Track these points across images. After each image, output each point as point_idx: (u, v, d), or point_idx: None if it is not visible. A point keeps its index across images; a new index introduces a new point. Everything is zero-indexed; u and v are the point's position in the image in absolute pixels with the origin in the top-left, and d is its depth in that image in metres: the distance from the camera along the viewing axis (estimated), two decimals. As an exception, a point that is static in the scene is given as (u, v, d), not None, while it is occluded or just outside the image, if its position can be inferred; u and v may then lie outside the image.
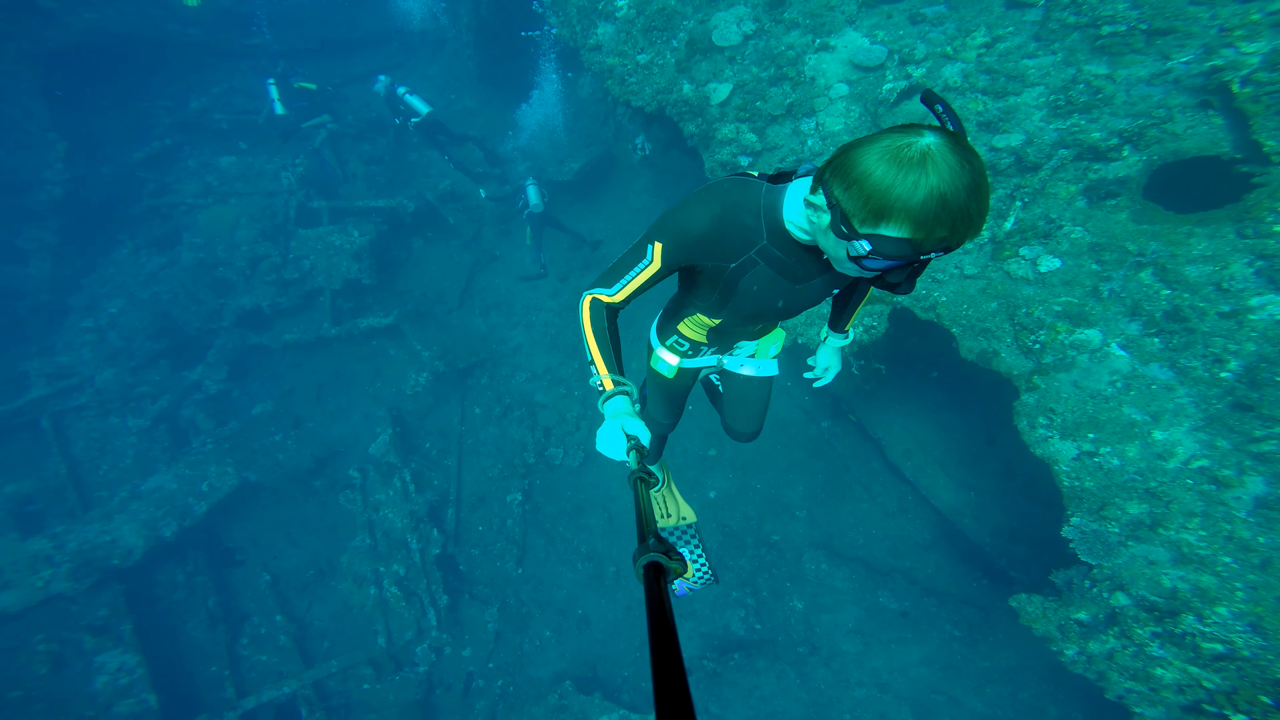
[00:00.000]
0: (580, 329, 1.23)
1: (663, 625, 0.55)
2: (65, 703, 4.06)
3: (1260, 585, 2.18)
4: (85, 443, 5.55)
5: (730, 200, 1.12)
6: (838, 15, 3.52)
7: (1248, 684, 2.11)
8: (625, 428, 1.12)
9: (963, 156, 0.81)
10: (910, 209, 0.82)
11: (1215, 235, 2.51)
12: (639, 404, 1.17)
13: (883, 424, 4.06)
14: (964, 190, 0.80)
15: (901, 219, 0.83)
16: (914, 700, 3.67)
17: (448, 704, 4.46)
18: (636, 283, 1.19)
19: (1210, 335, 2.42)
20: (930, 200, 0.80)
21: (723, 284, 1.24)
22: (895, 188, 0.82)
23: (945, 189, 0.80)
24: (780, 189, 1.12)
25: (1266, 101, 2.50)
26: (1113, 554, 2.36)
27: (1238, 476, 2.28)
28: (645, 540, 0.75)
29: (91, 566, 4.57)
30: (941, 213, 0.81)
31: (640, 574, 0.68)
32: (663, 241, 1.15)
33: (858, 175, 0.85)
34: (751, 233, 1.13)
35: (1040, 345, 2.62)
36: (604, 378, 1.19)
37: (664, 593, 0.63)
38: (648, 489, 0.95)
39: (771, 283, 1.20)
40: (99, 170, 6.15)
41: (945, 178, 0.80)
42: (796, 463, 4.56)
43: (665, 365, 1.64)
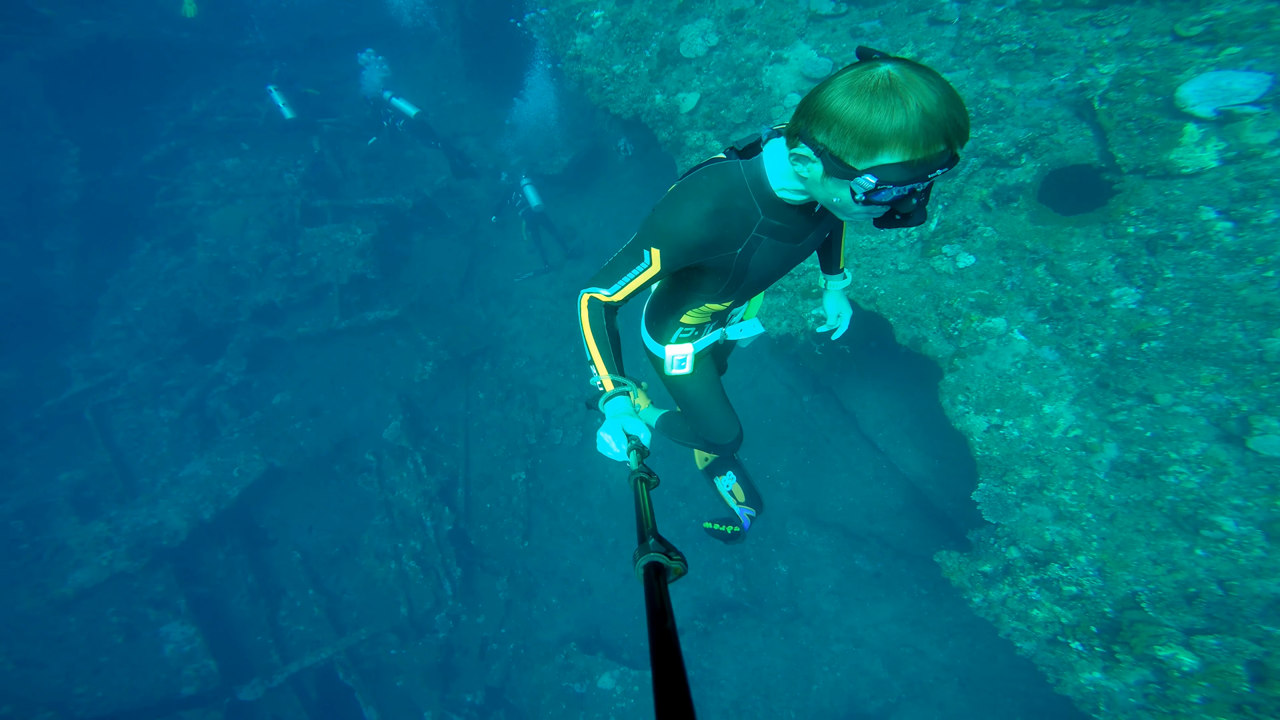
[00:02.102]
0: (579, 328, 1.24)
1: (663, 626, 0.54)
2: (143, 667, 4.70)
3: (1108, 536, 2.51)
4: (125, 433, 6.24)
5: (719, 191, 1.12)
6: (790, 29, 3.79)
7: (1086, 618, 2.48)
8: (626, 428, 1.13)
9: (924, 72, 0.82)
10: (898, 129, 0.82)
11: (1089, 235, 2.80)
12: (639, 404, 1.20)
13: (857, 398, 4.45)
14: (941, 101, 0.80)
15: (894, 142, 0.83)
16: (885, 653, 4.13)
17: (466, 665, 5.06)
18: (635, 284, 1.21)
19: (1084, 322, 2.73)
20: (914, 115, 0.80)
21: (733, 271, 1.25)
22: (874, 113, 0.82)
23: (923, 102, 0.80)
24: (756, 160, 1.13)
25: (1117, 117, 2.76)
26: (1009, 514, 2.70)
27: (1100, 443, 2.60)
28: (645, 540, 0.75)
29: (145, 547, 5.15)
30: (930, 125, 0.81)
31: (640, 574, 0.68)
32: (661, 248, 1.15)
33: (833, 114, 0.85)
34: (748, 214, 1.15)
35: (958, 332, 2.94)
36: (604, 378, 1.20)
37: (664, 593, 0.62)
38: (648, 489, 0.96)
39: (775, 251, 1.22)
40: (111, 174, 6.58)
41: (920, 91, 0.80)
42: (781, 436, 4.98)
43: (681, 362, 1.63)
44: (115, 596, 5.00)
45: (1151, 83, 2.80)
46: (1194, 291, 2.56)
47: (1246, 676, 2.19)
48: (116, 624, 4.95)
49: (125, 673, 4.71)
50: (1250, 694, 2.16)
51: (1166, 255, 2.65)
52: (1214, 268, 2.53)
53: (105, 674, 4.69)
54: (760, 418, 5.11)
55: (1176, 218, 2.65)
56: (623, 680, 4.52)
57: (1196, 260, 2.57)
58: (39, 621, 4.85)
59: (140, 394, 6.21)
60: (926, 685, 3.93)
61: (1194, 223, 2.61)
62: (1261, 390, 2.36)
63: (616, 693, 4.49)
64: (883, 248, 3.43)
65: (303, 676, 4.93)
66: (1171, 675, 2.29)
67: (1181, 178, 2.68)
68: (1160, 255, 2.67)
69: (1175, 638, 2.32)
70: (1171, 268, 2.63)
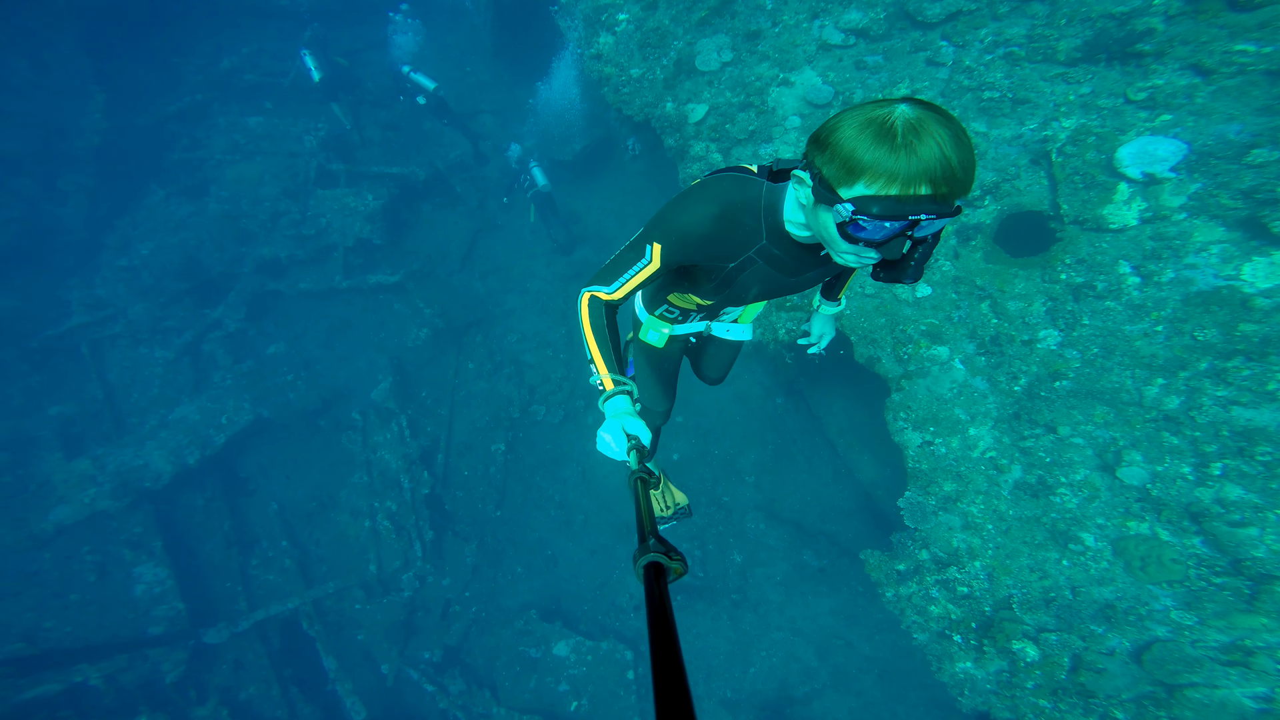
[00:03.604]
0: (579, 327, 1.29)
1: (663, 626, 0.56)
2: (112, 606, 5.06)
3: (1001, 546, 3.01)
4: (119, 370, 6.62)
5: (730, 200, 1.16)
6: (800, 54, 4.27)
7: (969, 615, 2.98)
8: (626, 427, 1.17)
9: (940, 116, 0.83)
10: (878, 159, 0.84)
11: (1029, 278, 3.25)
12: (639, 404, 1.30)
13: (825, 405, 4.96)
14: (940, 145, 0.81)
15: (874, 172, 0.85)
16: (819, 643, 4.64)
17: (428, 624, 5.52)
18: (635, 282, 1.26)
19: (1013, 358, 3.20)
20: (899, 150, 0.82)
21: (720, 279, 1.31)
22: (862, 140, 0.85)
23: (917, 141, 0.82)
24: (780, 188, 1.16)
25: (1069, 170, 3.23)
26: (926, 520, 3.19)
27: (1009, 465, 3.10)
28: (645, 540, 0.77)
29: (128, 488, 5.51)
30: (916, 164, 0.82)
31: (640, 574, 0.70)
32: (662, 243, 1.20)
33: (834, 139, 0.89)
34: (751, 233, 1.19)
35: (908, 356, 3.40)
36: (604, 377, 1.24)
37: (665, 593, 0.64)
38: (648, 489, 1.00)
39: (767, 277, 1.27)
40: (134, 121, 7.01)
41: (920, 131, 0.82)
42: (751, 433, 5.49)
43: (656, 335, 1.74)
44: (92, 535, 5.38)
45: (1100, 140, 3.28)
46: (1102, 339, 3.07)
47: (1067, 666, 2.72)
48: (90, 562, 5.34)
49: (94, 610, 5.09)
50: (1065, 680, 2.69)
51: (1087, 303, 3.16)
52: (1120, 319, 3.04)
53: (74, 611, 5.06)
54: (735, 414, 5.61)
55: (1100, 269, 3.16)
56: (577, 649, 5.00)
57: (1108, 310, 3.08)
58: (15, 555, 5.21)
59: (138, 332, 6.59)
60: (850, 674, 4.45)
61: (1112, 275, 3.12)
62: (1135, 429, 2.87)
63: (570, 660, 4.97)
64: (854, 268, 3.93)
65: (267, 624, 5.33)
66: (1019, 665, 2.81)
67: (1109, 232, 3.18)
68: (1082, 303, 3.18)
69: (1028, 634, 2.84)
70: (1088, 315, 3.13)
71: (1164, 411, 2.82)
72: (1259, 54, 2.93)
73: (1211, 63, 3.03)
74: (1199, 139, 3.00)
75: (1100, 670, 2.65)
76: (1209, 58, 3.04)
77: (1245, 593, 2.54)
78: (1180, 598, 2.65)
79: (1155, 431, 2.82)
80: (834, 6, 4.38)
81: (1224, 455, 2.64)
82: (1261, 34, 2.95)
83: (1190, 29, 3.12)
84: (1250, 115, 2.93)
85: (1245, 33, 2.99)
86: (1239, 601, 2.54)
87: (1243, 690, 2.44)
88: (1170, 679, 2.55)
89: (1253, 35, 2.97)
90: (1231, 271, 2.77)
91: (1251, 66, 2.95)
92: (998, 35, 3.79)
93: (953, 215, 0.87)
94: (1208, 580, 2.60)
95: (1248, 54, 2.95)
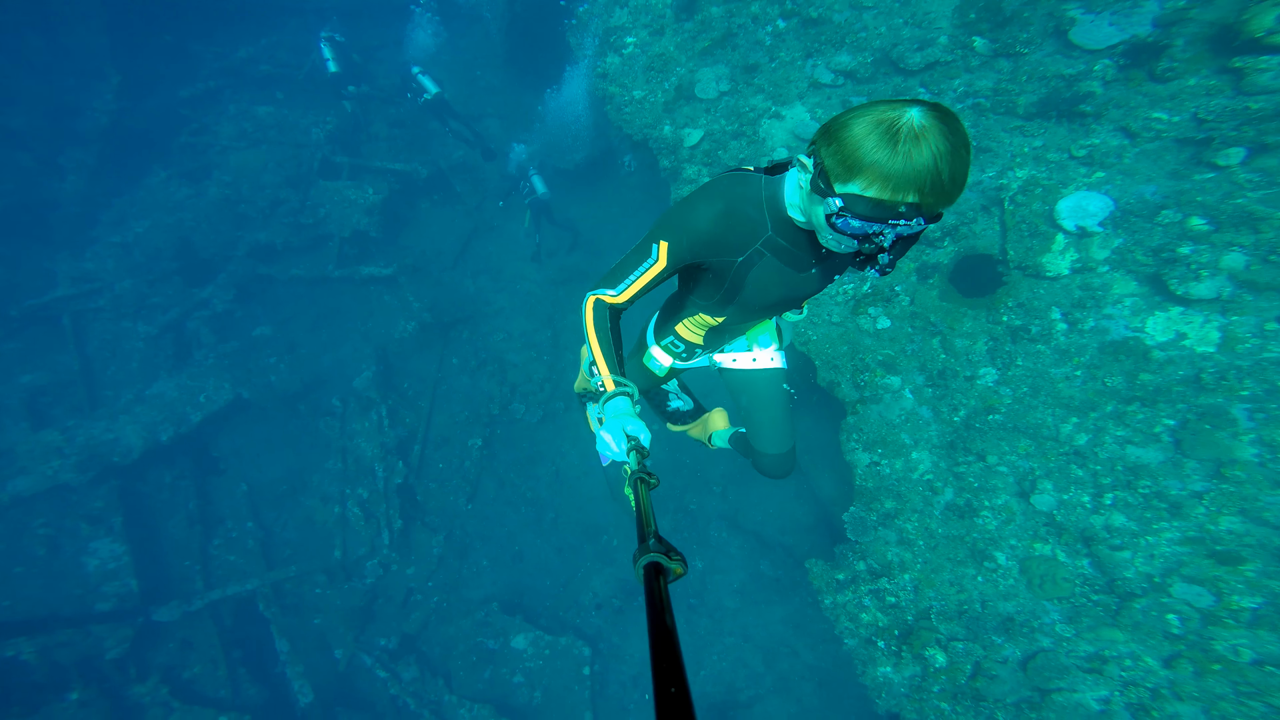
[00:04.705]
0: (583, 329, 1.32)
1: (663, 626, 0.57)
2: (59, 581, 5.14)
3: (928, 561, 3.36)
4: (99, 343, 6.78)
5: (733, 194, 1.22)
6: (792, 89, 4.73)
7: (894, 624, 3.32)
8: (626, 429, 1.21)
9: (945, 127, 0.87)
10: (875, 163, 0.89)
11: (975, 318, 3.64)
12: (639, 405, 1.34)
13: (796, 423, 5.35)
14: (936, 157, 0.86)
15: (868, 174, 0.91)
16: (766, 650, 4.95)
17: (387, 612, 5.70)
18: (641, 283, 1.29)
19: (956, 391, 3.57)
20: (897, 158, 0.87)
21: (730, 280, 1.33)
22: (866, 141, 0.90)
23: (914, 150, 0.86)
24: (779, 179, 1.22)
25: (1018, 218, 3.64)
26: (866, 534, 3.53)
27: (942, 487, 3.46)
28: (645, 540, 0.79)
29: (95, 461, 5.60)
30: (909, 172, 0.87)
31: (640, 574, 0.72)
32: (668, 240, 1.24)
33: (842, 135, 0.94)
34: (756, 225, 1.23)
35: (865, 383, 3.76)
36: (606, 378, 1.28)
37: (664, 593, 0.66)
38: (648, 489, 1.02)
39: (777, 273, 1.30)
40: (144, 103, 7.27)
41: (920, 140, 0.86)
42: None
43: (657, 365, 1.77)
44: (47, 508, 5.47)
45: (1045, 192, 3.68)
46: (1031, 380, 3.48)
47: (969, 672, 3.07)
48: (42, 535, 5.42)
49: (39, 584, 5.18)
50: (964, 685, 3.04)
51: (1021, 345, 3.57)
52: (1047, 361, 3.46)
53: (16, 584, 5.14)
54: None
55: (1035, 313, 3.58)
56: (536, 644, 5.24)
57: (1039, 353, 3.50)
58: (-39, 524, 5.21)
59: (123, 306, 6.76)
60: (793, 681, 4.76)
61: (1045, 320, 3.54)
62: (1050, 461, 3.26)
63: (528, 653, 5.21)
64: (823, 298, 4.33)
65: (222, 604, 5.47)
66: (929, 670, 3.15)
67: (1046, 279, 3.60)
68: (1018, 344, 3.60)
69: (940, 641, 3.19)
70: (1022, 356, 3.55)
71: (1074, 447, 3.22)
72: (1170, 122, 3.39)
73: (1136, 127, 3.49)
74: (1124, 197, 3.44)
75: (993, 676, 3.00)
76: (1134, 122, 3.50)
77: (1113, 608, 2.92)
78: (1065, 612, 3.02)
79: (1065, 464, 3.22)
80: (826, 48, 4.82)
81: (1115, 487, 3.04)
82: (1172, 104, 3.42)
83: (1122, 94, 3.58)
84: (1163, 178, 3.39)
85: (1160, 101, 3.46)
86: (1106, 616, 2.92)
87: (1092, 694, 2.82)
88: (1045, 684, 2.92)
89: (1165, 104, 3.44)
90: (1139, 324, 3.20)
91: (1166, 133, 3.41)
92: (969, 86, 4.21)
93: (933, 221, 0.95)
94: (1088, 597, 2.99)
95: (1162, 121, 3.41)
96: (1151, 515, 2.93)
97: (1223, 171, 3.23)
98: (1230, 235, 3.08)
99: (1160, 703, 2.75)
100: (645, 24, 5.49)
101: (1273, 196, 3.08)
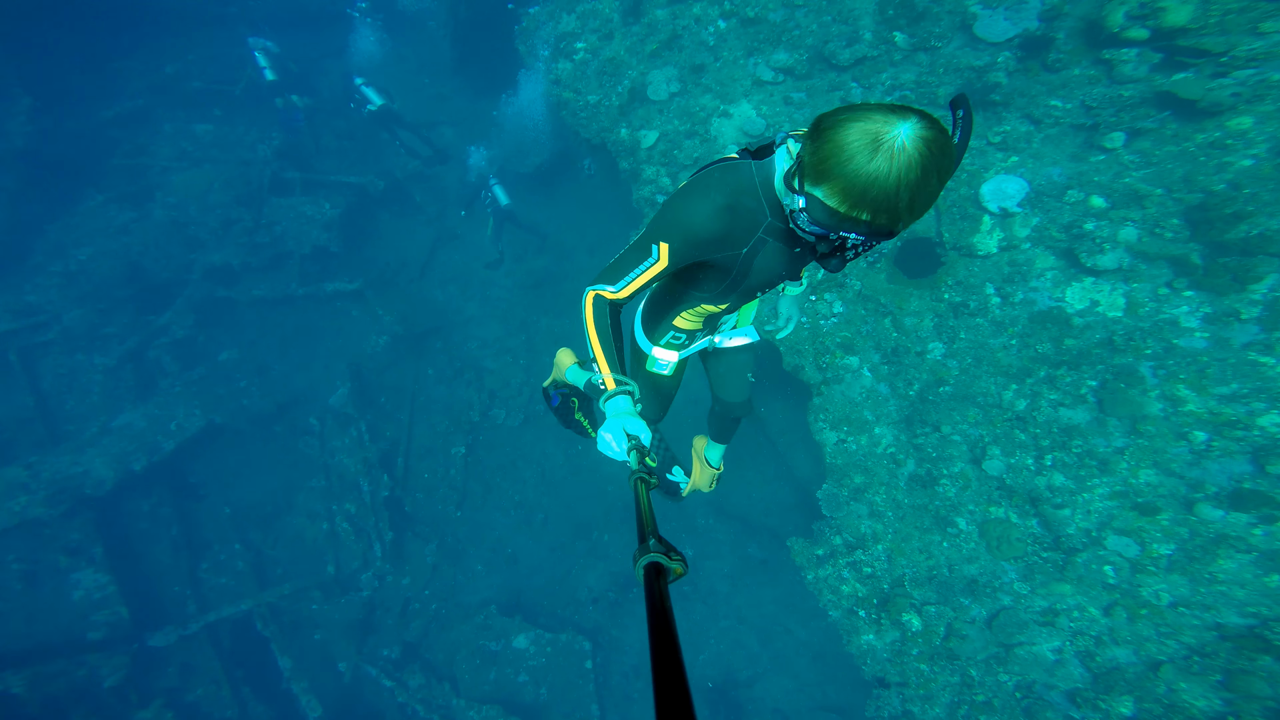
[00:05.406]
0: (583, 325, 1.30)
1: (663, 626, 0.57)
2: (44, 613, 5.10)
3: (898, 531, 3.68)
4: (53, 378, 6.61)
5: (730, 188, 1.21)
6: (737, 88, 4.89)
7: (872, 593, 3.63)
8: (627, 427, 1.21)
9: (928, 153, 0.87)
10: (840, 175, 0.91)
11: (921, 297, 3.92)
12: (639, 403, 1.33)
13: (768, 407, 5.62)
14: (901, 184, 0.87)
15: (833, 186, 0.93)
16: (761, 630, 5.28)
17: (387, 623, 5.84)
18: (640, 281, 1.29)
19: (909, 367, 3.87)
20: (862, 176, 0.89)
21: (735, 270, 1.34)
22: (843, 154, 0.90)
23: (880, 172, 0.88)
24: (768, 161, 1.22)
25: (948, 203, 3.92)
26: (840, 509, 3.82)
27: (905, 459, 3.77)
28: (645, 540, 0.80)
29: (65, 494, 5.50)
30: (869, 192, 0.89)
31: (640, 574, 0.73)
32: (670, 241, 1.24)
33: (827, 136, 0.93)
34: (756, 214, 1.23)
35: (826, 365, 4.02)
36: (606, 376, 1.27)
37: (665, 593, 0.66)
38: (648, 489, 1.04)
39: (780, 254, 1.30)
40: (65, 124, 6.92)
41: (894, 163, 0.87)
42: (703, 433, 6.12)
43: (662, 365, 1.75)
44: (19, 543, 5.40)
45: (970, 177, 3.96)
46: (974, 351, 3.80)
47: (942, 634, 3.42)
48: (17, 571, 5.36)
49: (19, 618, 5.15)
50: (939, 646, 3.40)
51: (962, 320, 3.89)
52: (986, 334, 3.78)
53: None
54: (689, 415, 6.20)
55: (972, 290, 3.89)
56: (537, 641, 5.45)
57: (978, 326, 3.82)
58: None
59: (75, 339, 6.57)
60: (788, 658, 5.11)
61: (981, 295, 3.85)
62: (996, 428, 3.60)
63: (530, 652, 5.43)
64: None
65: (219, 626, 5.51)
66: (907, 634, 3.49)
67: (978, 258, 3.89)
68: (960, 319, 3.91)
69: (915, 606, 3.52)
70: (964, 330, 3.86)
71: (1015, 412, 3.56)
72: (1065, 109, 3.70)
73: (1039, 114, 3.79)
74: (1036, 179, 3.75)
75: (964, 636, 3.36)
76: (1036, 109, 3.80)
77: (1060, 564, 3.30)
78: (1021, 571, 3.39)
79: (1009, 430, 3.56)
80: (765, 46, 5.00)
81: (1053, 449, 3.39)
82: (1064, 92, 3.72)
83: (1023, 84, 3.86)
84: (1066, 160, 3.72)
85: (1055, 90, 3.76)
86: (1055, 572, 3.29)
87: (1048, 645, 3.20)
88: (1008, 640, 3.28)
89: (1059, 92, 3.74)
90: (1060, 294, 3.53)
91: (1063, 119, 3.72)
92: (894, 79, 4.45)
93: (885, 238, 0.97)
94: (1039, 555, 3.35)
95: (1059, 108, 3.73)
96: (1085, 473, 3.28)
97: (1110, 154, 3.56)
98: (1124, 211, 3.42)
99: (1102, 649, 3.13)
100: (594, 29, 5.55)
101: (1151, 175, 3.43)
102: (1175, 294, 3.28)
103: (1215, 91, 3.26)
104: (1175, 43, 3.40)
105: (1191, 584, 2.99)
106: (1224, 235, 3.14)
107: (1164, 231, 3.34)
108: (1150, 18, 3.43)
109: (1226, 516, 2.94)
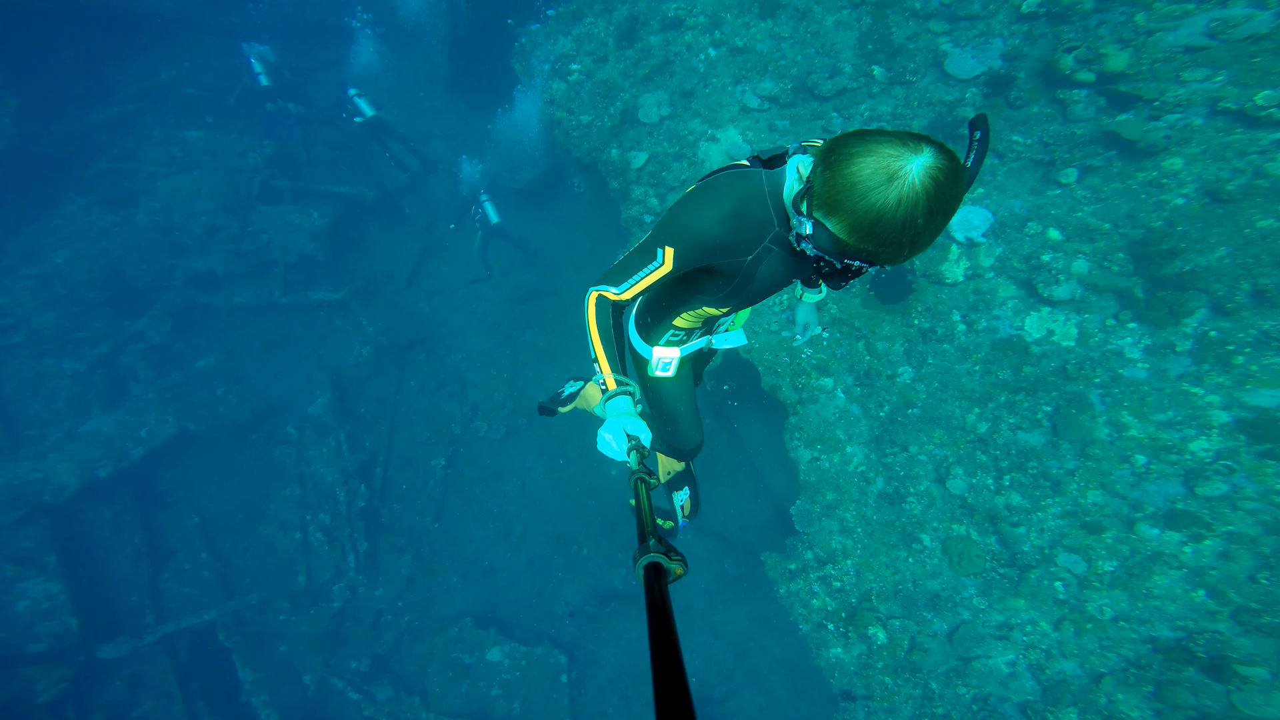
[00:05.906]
0: (585, 325, 1.32)
1: (663, 626, 0.58)
2: None
3: (867, 547, 3.82)
4: (17, 381, 6.46)
5: (738, 195, 1.22)
6: (725, 113, 5.15)
7: (841, 607, 3.76)
8: (627, 428, 1.22)
9: (936, 193, 0.89)
10: (850, 209, 0.93)
11: (893, 322, 4.13)
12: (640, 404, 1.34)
13: (747, 425, 5.77)
14: (908, 221, 0.90)
15: (844, 221, 0.95)
16: (735, 646, 5.34)
17: (357, 634, 5.76)
18: (644, 284, 1.31)
19: (880, 389, 4.06)
20: (872, 211, 0.91)
21: (739, 277, 1.35)
22: (854, 185, 0.92)
23: (888, 208, 0.90)
24: (779, 171, 1.23)
25: None
26: (812, 525, 3.95)
27: (874, 477, 3.93)
28: (645, 541, 0.81)
29: (21, 500, 5.39)
30: (876, 226, 0.92)
31: (640, 575, 0.73)
32: (675, 246, 1.24)
33: (840, 167, 0.95)
34: (764, 223, 1.24)
35: (802, 386, 4.19)
36: (607, 377, 1.29)
37: (664, 593, 0.67)
38: (648, 489, 1.05)
39: (785, 263, 1.31)
40: (50, 127, 6.87)
41: (905, 200, 0.89)
42: None
43: (667, 364, 1.76)
44: None
45: None
46: (940, 375, 4.01)
47: (906, 647, 3.55)
48: None
49: None
50: (903, 659, 3.53)
51: (930, 345, 4.11)
52: (952, 359, 4.00)
53: None
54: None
55: (940, 317, 4.12)
56: (511, 655, 5.44)
57: (945, 351, 4.04)
58: None
59: (43, 343, 6.45)
60: (762, 675, 5.17)
61: (948, 322, 4.08)
62: (960, 449, 3.79)
63: (504, 665, 5.40)
64: (763, 308, 4.76)
65: (177, 637, 5.39)
66: (873, 648, 3.61)
67: (946, 286, 4.13)
68: (928, 345, 4.13)
69: (880, 619, 3.66)
70: (932, 355, 4.08)
71: (978, 435, 3.77)
72: (1025, 144, 4.00)
73: (1002, 148, 4.08)
74: (1000, 211, 4.02)
75: (926, 650, 3.49)
76: (1000, 143, 4.09)
77: (1015, 579, 3.47)
78: (980, 586, 3.55)
79: (972, 451, 3.76)
80: (753, 74, 5.27)
81: (1011, 470, 3.59)
82: (1025, 128, 4.03)
83: (990, 119, 4.20)
84: (1026, 194, 4.00)
85: (1017, 126, 4.07)
86: (1011, 587, 3.47)
87: (1003, 659, 3.36)
88: (966, 653, 3.43)
89: (1020, 128, 4.04)
90: (1019, 323, 3.77)
91: (1024, 154, 4.01)
92: (872, 111, 4.73)
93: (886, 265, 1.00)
94: (996, 571, 3.53)
95: (1020, 144, 4.02)
96: (1040, 493, 3.48)
97: (1065, 189, 3.86)
98: (1077, 244, 3.70)
99: (1051, 662, 3.30)
100: (589, 51, 5.78)
101: (1100, 210, 3.72)
102: (1120, 325, 3.53)
103: (1151, 133, 3.57)
104: (1117, 87, 3.72)
105: (1131, 599, 3.18)
106: (1161, 270, 3.41)
107: (1111, 265, 3.61)
108: (1095, 62, 3.75)
109: (1162, 535, 3.16)
